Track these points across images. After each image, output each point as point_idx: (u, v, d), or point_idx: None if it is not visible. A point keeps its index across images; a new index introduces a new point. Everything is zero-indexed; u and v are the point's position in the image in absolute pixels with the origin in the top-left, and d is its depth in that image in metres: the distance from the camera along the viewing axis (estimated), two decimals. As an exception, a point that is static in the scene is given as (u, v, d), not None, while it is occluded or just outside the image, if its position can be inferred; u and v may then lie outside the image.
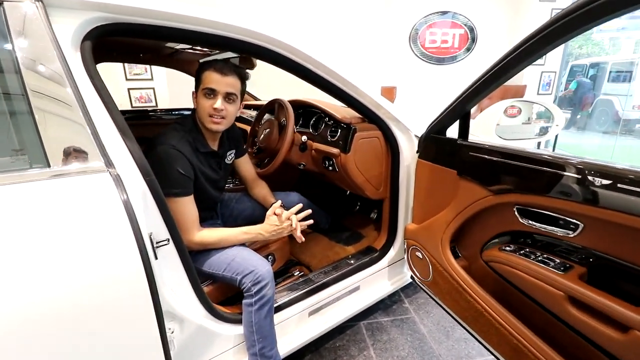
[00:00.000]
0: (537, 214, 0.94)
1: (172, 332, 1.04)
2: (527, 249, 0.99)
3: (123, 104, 4.60)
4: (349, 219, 2.12)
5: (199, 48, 1.82)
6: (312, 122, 1.73)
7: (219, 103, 1.17)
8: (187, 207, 1.19)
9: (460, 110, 1.15)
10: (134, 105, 4.65)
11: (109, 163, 0.84)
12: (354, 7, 4.22)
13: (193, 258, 1.27)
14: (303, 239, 1.30)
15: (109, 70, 4.50)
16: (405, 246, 1.52)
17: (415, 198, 1.46)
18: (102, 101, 0.89)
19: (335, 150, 1.51)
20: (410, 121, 1.57)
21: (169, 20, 1.01)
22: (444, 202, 1.25)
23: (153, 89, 4.68)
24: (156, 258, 0.95)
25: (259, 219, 1.48)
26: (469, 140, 1.16)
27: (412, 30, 4.47)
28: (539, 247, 0.99)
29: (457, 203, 1.17)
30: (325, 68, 1.27)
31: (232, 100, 1.22)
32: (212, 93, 1.18)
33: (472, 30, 4.47)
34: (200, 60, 2.02)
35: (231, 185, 2.05)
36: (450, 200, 1.21)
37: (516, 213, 0.98)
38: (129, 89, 4.69)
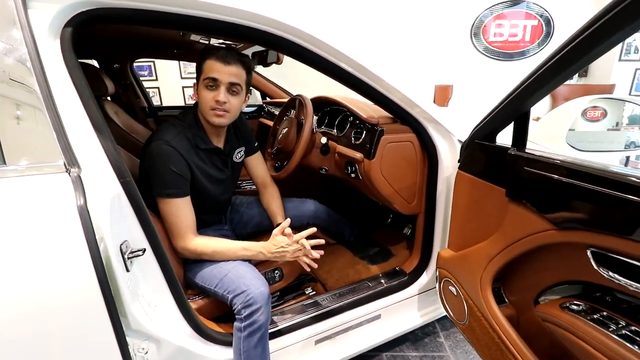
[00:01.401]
0: (624, 263, 0.63)
1: (147, 353, 0.93)
2: (604, 313, 0.68)
3: (177, 101, 4.84)
4: (378, 232, 1.87)
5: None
6: (337, 121, 1.53)
7: (221, 94, 1.05)
8: (180, 209, 1.07)
9: (515, 110, 0.86)
10: (187, 102, 4.87)
11: (71, 163, 0.74)
12: (409, -1, 3.88)
13: (186, 267, 1.16)
14: (315, 266, 1.13)
15: (165, 68, 4.76)
16: (437, 276, 1.25)
17: (453, 219, 1.19)
18: (78, 95, 0.80)
19: (358, 155, 1.30)
20: (454, 123, 1.28)
21: (166, 5, 0.89)
22: (488, 228, 0.97)
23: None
24: (127, 270, 0.84)
25: (268, 229, 1.34)
26: (526, 150, 0.86)
27: (475, 23, 4.00)
28: (624, 313, 0.68)
29: (505, 233, 0.88)
30: (343, 57, 1.06)
31: (235, 91, 1.08)
32: (214, 84, 1.05)
33: (548, 22, 3.86)
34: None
35: (248, 188, 1.94)
36: (495, 227, 0.93)
37: (591, 258, 0.68)
38: (183, 87, 4.91)
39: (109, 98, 2.39)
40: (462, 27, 4.06)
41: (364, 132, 1.32)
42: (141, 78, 4.76)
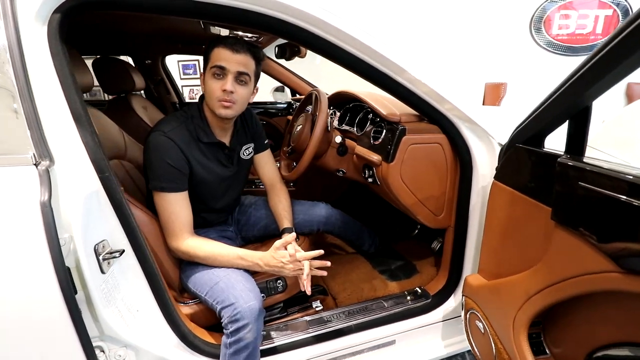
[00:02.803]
0: None
1: (124, 362, 0.87)
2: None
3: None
4: (403, 244, 1.68)
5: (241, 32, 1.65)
6: (358, 119, 1.38)
7: (229, 84, 0.97)
8: (175, 205, 1.01)
9: (571, 105, 0.66)
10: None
11: (42, 155, 0.69)
12: (458, -10, 3.56)
13: (181, 269, 1.10)
14: (310, 291, 1.02)
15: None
16: (463, 305, 1.05)
17: (485, 239, 0.98)
18: (60, 84, 0.75)
19: (375, 158, 1.14)
20: (497, 124, 1.07)
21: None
22: (528, 256, 0.76)
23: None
24: (102, 272, 0.78)
25: (275, 232, 1.24)
26: (584, 159, 0.65)
27: (536, 14, 3.56)
28: None
29: (549, 266, 0.67)
30: (356, 43, 0.91)
31: (244, 81, 1.01)
32: (221, 72, 0.98)
33: (626, 12, 3.31)
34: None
35: (262, 187, 1.85)
36: (537, 256, 0.72)
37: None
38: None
39: (142, 93, 2.48)
40: (520, 19, 3.64)
41: (384, 131, 1.15)
42: (187, 76, 4.94)
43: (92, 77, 1.14)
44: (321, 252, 1.01)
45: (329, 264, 1.04)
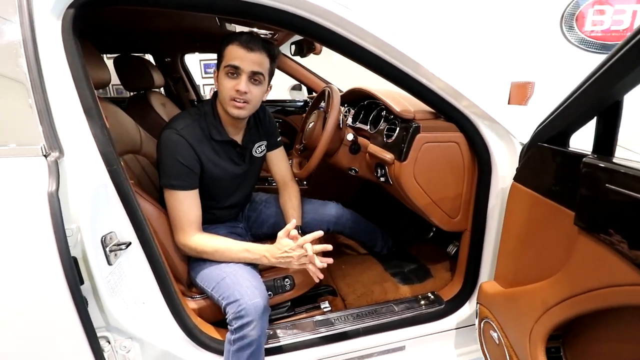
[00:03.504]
0: None
1: (129, 352, 0.87)
2: None
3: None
4: (418, 247, 1.63)
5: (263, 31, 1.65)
6: (371, 116, 1.34)
7: (242, 84, 0.96)
8: (184, 203, 1.01)
9: (599, 100, 0.60)
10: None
11: (52, 147, 0.70)
12: (484, -15, 3.44)
13: (189, 264, 1.10)
14: (321, 276, 0.97)
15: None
16: (477, 313, 0.99)
17: (503, 244, 0.92)
18: (72, 77, 0.77)
19: (388, 156, 1.10)
20: (519, 122, 1.01)
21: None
22: (548, 264, 0.71)
23: None
24: (109, 263, 0.79)
25: (283, 230, 1.22)
26: (613, 160, 0.59)
27: (567, 9, 3.38)
28: None
29: (572, 276, 0.62)
30: (367, 35, 0.88)
31: (258, 81, 0.99)
32: (235, 72, 0.96)
33: (671, 3, 3.08)
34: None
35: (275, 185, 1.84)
36: (559, 265, 0.66)
37: None
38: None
39: (161, 90, 2.53)
40: (551, 16, 3.46)
41: (397, 129, 1.11)
42: (208, 75, 5.02)
43: (109, 73, 1.16)
44: (321, 233, 0.96)
45: (330, 247, 0.97)
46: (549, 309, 0.66)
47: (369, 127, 1.34)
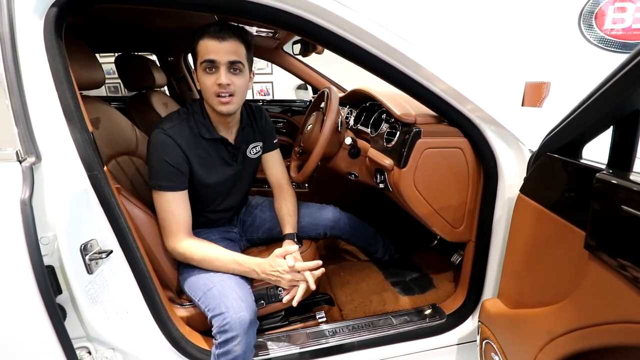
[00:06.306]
0: None
1: (110, 364, 0.85)
2: None
3: (288, 95, 4.97)
4: (421, 255, 1.56)
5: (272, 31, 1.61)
6: (373, 119, 1.29)
7: (223, 77, 0.92)
8: (172, 204, 0.98)
9: (616, 108, 0.53)
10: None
11: (29, 151, 0.68)
12: (499, -18, 3.32)
13: (179, 270, 1.07)
14: (295, 303, 0.95)
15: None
16: (479, 332, 0.93)
17: (508, 259, 0.86)
18: (52, 79, 0.74)
19: (387, 162, 1.04)
20: (529, 127, 0.94)
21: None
22: (556, 286, 0.64)
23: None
24: (89, 272, 0.76)
25: (279, 237, 1.18)
26: (631, 175, 0.52)
27: (587, 7, 3.24)
28: None
29: (580, 304, 0.56)
30: (364, 34, 0.82)
31: (238, 70, 0.95)
32: (212, 66, 0.92)
33: (699, 0, 2.91)
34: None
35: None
36: (567, 288, 0.60)
37: None
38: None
39: (165, 90, 2.52)
40: (569, 15, 3.33)
41: (398, 133, 1.06)
42: (256, 72, 5.08)
43: (103, 73, 1.14)
44: (319, 263, 0.95)
45: (323, 270, 0.98)
46: (554, 339, 0.59)
47: (369, 129, 1.28)
